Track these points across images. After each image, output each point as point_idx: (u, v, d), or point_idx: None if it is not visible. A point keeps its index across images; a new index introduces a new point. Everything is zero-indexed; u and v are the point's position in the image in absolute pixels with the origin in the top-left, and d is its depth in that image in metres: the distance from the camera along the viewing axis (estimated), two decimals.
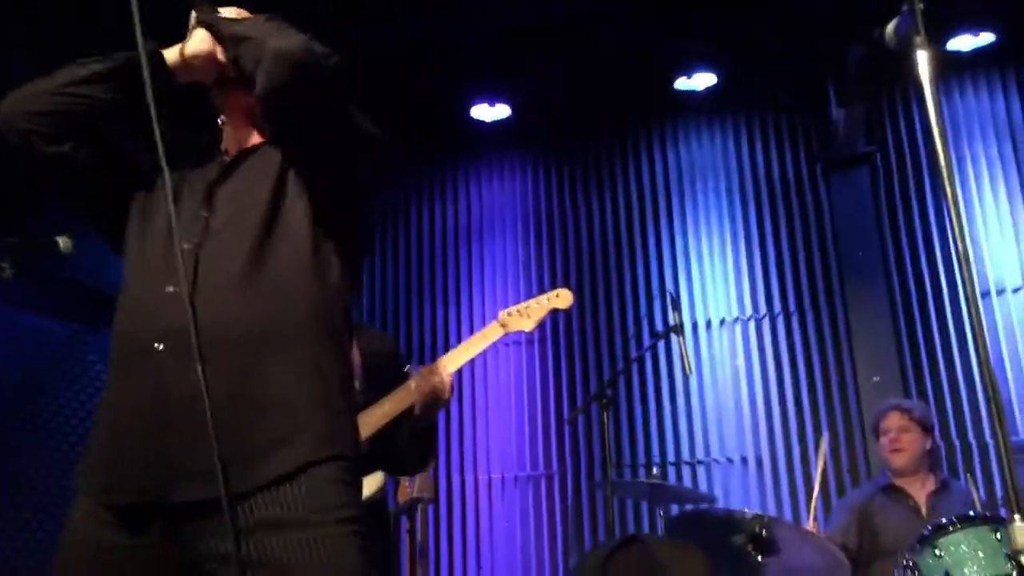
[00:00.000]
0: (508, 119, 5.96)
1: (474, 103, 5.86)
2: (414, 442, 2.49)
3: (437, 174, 6.42)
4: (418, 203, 6.42)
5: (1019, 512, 1.51)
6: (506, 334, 2.53)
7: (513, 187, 6.30)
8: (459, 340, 6.01)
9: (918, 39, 1.90)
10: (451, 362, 2.46)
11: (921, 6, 1.82)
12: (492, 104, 5.88)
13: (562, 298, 2.57)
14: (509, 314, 2.55)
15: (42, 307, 4.82)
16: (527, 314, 2.55)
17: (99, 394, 5.01)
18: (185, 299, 1.55)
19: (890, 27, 2.12)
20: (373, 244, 5.94)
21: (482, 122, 5.98)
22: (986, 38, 5.27)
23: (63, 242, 2.67)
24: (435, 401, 2.41)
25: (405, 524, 4.21)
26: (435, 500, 5.11)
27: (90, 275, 5.09)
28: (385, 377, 2.55)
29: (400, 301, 6.24)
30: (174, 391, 1.55)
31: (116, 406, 1.65)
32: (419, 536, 4.36)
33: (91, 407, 5.01)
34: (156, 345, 1.58)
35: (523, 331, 2.55)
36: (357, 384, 2.49)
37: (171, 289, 1.60)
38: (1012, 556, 1.51)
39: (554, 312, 2.58)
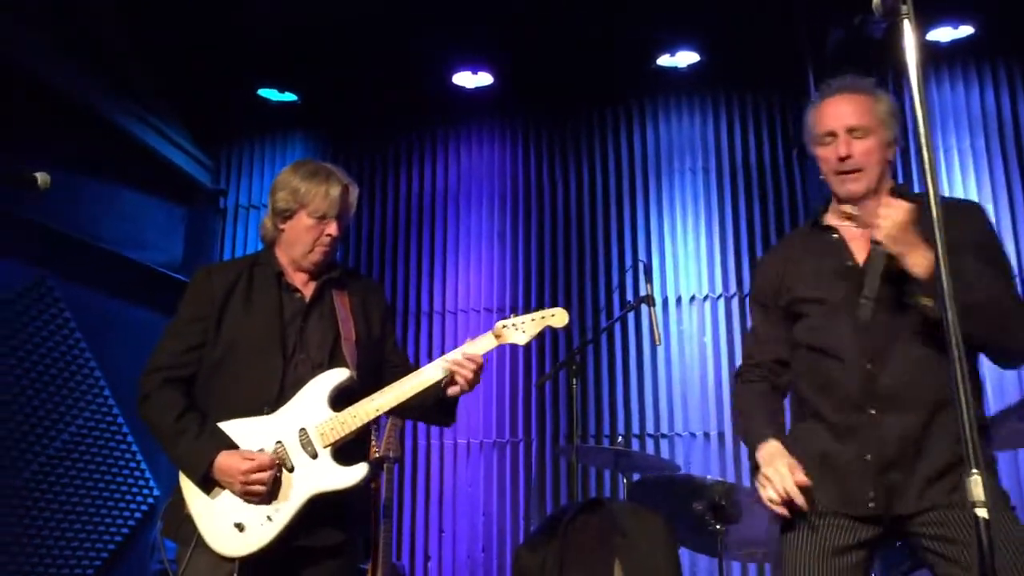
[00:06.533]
0: (490, 87, 5.96)
1: (457, 70, 5.85)
2: (441, 411, 2.69)
3: (416, 139, 6.41)
4: (396, 166, 6.39)
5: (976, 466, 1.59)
6: (499, 345, 2.62)
7: (492, 156, 6.30)
8: (431, 304, 6.03)
9: (904, 8, 1.91)
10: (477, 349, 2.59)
11: None
12: (475, 72, 5.87)
13: (558, 317, 2.66)
14: (504, 326, 2.62)
15: (7, 249, 4.74)
16: (522, 329, 2.62)
17: (64, 341, 4.97)
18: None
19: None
20: None
21: (463, 88, 5.97)
22: (965, 31, 5.35)
23: (41, 178, 2.59)
24: (473, 385, 2.58)
25: (371, 482, 4.23)
26: (401, 460, 5.13)
27: (58, 220, 5.03)
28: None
29: (374, 263, 6.23)
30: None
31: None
32: (384, 495, 4.39)
33: (56, 354, 4.97)
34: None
35: (517, 345, 2.64)
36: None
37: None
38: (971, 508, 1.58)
39: (550, 329, 2.68)
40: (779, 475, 2.17)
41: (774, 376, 2.42)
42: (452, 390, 2.55)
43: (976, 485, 1.58)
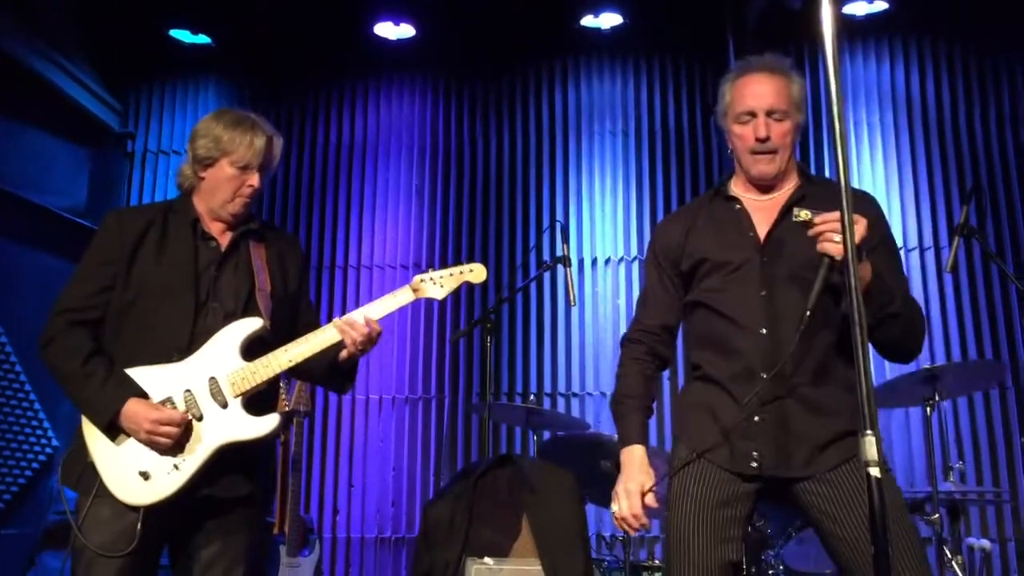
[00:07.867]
0: (412, 39, 5.87)
1: (379, 19, 5.74)
2: (336, 374, 2.63)
3: (335, 89, 6.28)
4: (314, 117, 6.27)
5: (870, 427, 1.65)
6: (417, 299, 2.61)
7: (412, 110, 6.22)
8: (346, 258, 5.97)
9: None
10: (374, 313, 2.54)
11: None
12: (397, 23, 5.78)
13: (476, 272, 2.67)
14: (422, 280, 2.62)
15: None
16: (440, 283, 2.62)
17: None
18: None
19: None
20: None
21: (385, 39, 5.87)
22: (880, 6, 5.48)
23: None
24: (365, 349, 2.55)
25: (279, 435, 4.19)
26: (312, 414, 5.10)
27: None
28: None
29: (289, 215, 6.12)
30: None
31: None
32: (293, 448, 4.36)
33: None
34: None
35: (434, 299, 2.65)
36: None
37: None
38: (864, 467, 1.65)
39: (467, 285, 2.68)
40: (629, 501, 2.31)
41: (661, 345, 2.47)
42: (342, 354, 2.53)
43: (870, 445, 1.65)
